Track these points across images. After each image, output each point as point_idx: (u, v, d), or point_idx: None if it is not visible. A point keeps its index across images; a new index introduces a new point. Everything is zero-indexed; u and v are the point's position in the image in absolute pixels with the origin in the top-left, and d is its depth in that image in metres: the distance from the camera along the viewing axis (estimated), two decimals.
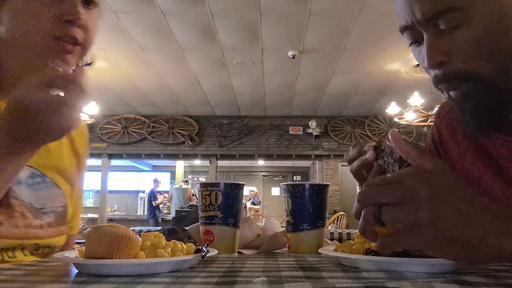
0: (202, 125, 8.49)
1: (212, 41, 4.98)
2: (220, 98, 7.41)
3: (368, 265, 0.55)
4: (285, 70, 5.96)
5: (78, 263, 0.53)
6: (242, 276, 0.49)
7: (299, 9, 4.22)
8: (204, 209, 0.82)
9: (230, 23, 4.57)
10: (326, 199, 0.86)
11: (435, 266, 0.52)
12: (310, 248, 0.82)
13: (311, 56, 5.44)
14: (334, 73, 6.02)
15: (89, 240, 0.53)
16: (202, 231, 0.82)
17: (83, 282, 0.44)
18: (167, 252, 0.55)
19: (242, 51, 5.32)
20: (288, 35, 4.82)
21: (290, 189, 0.85)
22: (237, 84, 6.64)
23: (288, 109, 8.04)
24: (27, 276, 0.49)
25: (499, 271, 0.53)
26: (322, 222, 0.85)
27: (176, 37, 4.84)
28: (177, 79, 6.42)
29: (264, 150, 8.37)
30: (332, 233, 2.63)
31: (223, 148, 8.39)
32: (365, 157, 0.69)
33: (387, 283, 0.43)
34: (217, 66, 5.83)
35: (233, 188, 0.82)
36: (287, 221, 0.86)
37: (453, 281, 0.43)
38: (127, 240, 0.52)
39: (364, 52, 5.27)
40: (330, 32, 4.73)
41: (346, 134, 8.29)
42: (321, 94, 7.10)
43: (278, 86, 6.68)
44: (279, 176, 13.87)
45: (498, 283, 0.44)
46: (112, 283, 0.43)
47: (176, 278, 0.47)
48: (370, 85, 6.51)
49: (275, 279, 0.46)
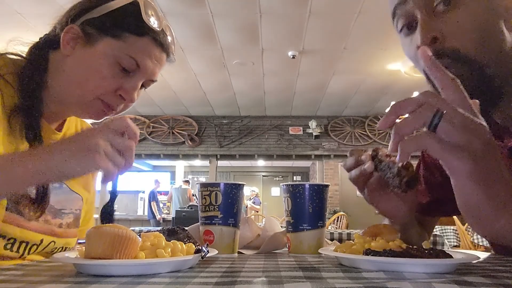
0: (202, 125, 8.49)
1: (212, 41, 4.98)
2: (220, 98, 7.41)
3: (368, 265, 0.55)
4: (285, 70, 5.96)
5: (78, 263, 0.53)
6: (242, 276, 0.49)
7: (299, 9, 4.22)
8: (204, 209, 0.82)
9: (230, 23, 4.57)
10: (326, 199, 0.86)
11: (435, 266, 0.52)
12: (310, 248, 0.82)
13: (311, 56, 5.44)
14: (334, 73, 6.02)
15: (89, 240, 0.53)
16: (202, 231, 0.82)
17: (83, 282, 0.44)
18: (167, 253, 0.55)
19: (242, 51, 5.32)
20: (288, 35, 4.82)
21: (290, 189, 0.85)
22: (237, 84, 6.64)
23: (288, 109, 8.04)
24: (27, 276, 0.49)
25: (499, 271, 0.53)
26: (322, 222, 0.85)
27: (176, 37, 4.84)
28: (177, 79, 6.42)
29: (264, 150, 8.37)
30: (332, 233, 2.63)
31: (223, 148, 8.38)
32: (364, 168, 0.69)
33: (387, 284, 0.43)
34: (217, 66, 5.83)
35: (233, 188, 0.82)
36: (287, 221, 0.86)
37: (453, 281, 0.43)
38: (127, 240, 0.52)
39: (364, 52, 5.27)
40: (330, 32, 4.73)
41: (346, 134, 8.28)
42: (321, 94, 7.10)
43: (278, 86, 6.68)
44: (279, 176, 13.87)
45: (498, 283, 0.44)
46: (112, 283, 0.43)
47: (176, 278, 0.47)
48: (370, 85, 6.51)
49: (275, 279, 0.46)
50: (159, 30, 0.82)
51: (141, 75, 0.82)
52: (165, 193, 10.22)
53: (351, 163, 0.73)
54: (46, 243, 0.83)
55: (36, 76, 0.80)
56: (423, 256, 0.54)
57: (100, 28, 0.79)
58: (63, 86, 0.81)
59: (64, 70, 0.81)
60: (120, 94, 0.81)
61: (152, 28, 0.81)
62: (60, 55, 0.82)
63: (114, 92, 0.80)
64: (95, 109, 0.83)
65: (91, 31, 0.80)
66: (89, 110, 0.83)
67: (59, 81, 0.82)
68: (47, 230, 0.83)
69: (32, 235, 0.80)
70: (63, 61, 0.81)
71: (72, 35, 0.80)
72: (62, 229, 0.87)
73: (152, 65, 0.83)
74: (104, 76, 0.78)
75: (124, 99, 0.82)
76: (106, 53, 0.79)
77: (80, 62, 0.80)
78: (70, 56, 0.81)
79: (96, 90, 0.79)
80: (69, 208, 0.90)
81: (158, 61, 0.85)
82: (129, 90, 0.81)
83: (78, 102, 0.82)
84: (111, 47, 0.79)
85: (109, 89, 0.80)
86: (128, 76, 0.81)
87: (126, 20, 0.80)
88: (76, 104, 0.82)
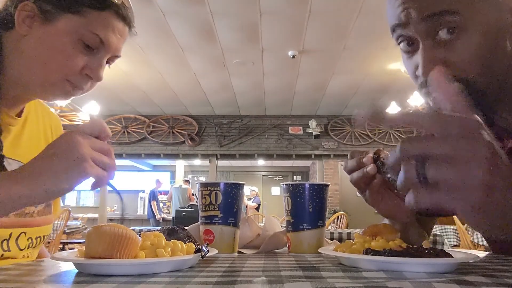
0: (202, 125, 8.49)
1: (212, 41, 4.98)
2: (220, 98, 7.41)
3: (368, 265, 0.55)
4: (285, 70, 5.96)
5: (78, 263, 0.53)
6: (242, 276, 0.49)
7: (299, 9, 4.22)
8: (204, 208, 0.82)
9: (230, 23, 4.57)
10: (326, 198, 0.86)
11: (435, 266, 0.52)
12: (310, 248, 0.82)
13: (311, 56, 5.44)
14: (334, 73, 6.02)
15: (89, 240, 0.53)
16: (202, 230, 0.82)
17: (83, 282, 0.44)
18: (167, 252, 0.55)
19: (242, 51, 5.32)
20: (288, 35, 4.82)
21: (290, 188, 0.85)
22: (237, 84, 6.64)
23: (288, 109, 8.04)
24: (26, 276, 0.49)
25: (499, 271, 0.53)
26: (322, 222, 0.85)
27: (176, 37, 4.84)
28: (177, 79, 6.42)
29: (264, 149, 8.37)
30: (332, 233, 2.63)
31: (223, 147, 8.39)
32: (366, 171, 0.69)
33: (387, 283, 0.43)
34: (217, 66, 5.83)
35: (233, 188, 0.82)
36: (287, 221, 0.86)
37: (453, 281, 0.43)
38: (127, 240, 0.52)
39: (364, 52, 5.27)
40: (330, 32, 4.73)
41: (346, 134, 8.28)
42: (321, 94, 7.10)
43: (278, 86, 6.68)
44: (279, 176, 13.87)
45: (498, 283, 0.44)
46: (112, 283, 0.43)
47: (176, 278, 0.47)
48: (370, 85, 6.51)
49: (275, 279, 0.46)
50: (119, 3, 0.79)
51: (106, 51, 0.79)
52: (165, 192, 10.22)
53: (353, 165, 0.72)
54: (16, 235, 0.80)
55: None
56: (423, 256, 0.54)
57: (58, 4, 0.76)
58: (23, 68, 0.77)
59: (22, 51, 0.77)
60: (86, 73, 0.78)
61: (112, 1, 0.78)
62: (15, 35, 0.77)
63: (80, 71, 0.78)
64: (61, 90, 0.79)
65: (48, 8, 0.76)
66: (55, 92, 0.79)
67: (18, 63, 0.77)
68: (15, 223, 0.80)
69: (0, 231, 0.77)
70: (20, 41, 0.77)
71: (28, 13, 0.76)
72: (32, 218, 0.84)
73: (116, 40, 0.80)
74: (68, 55, 0.75)
75: (90, 78, 0.79)
76: (68, 31, 0.75)
77: (40, 41, 0.76)
78: (27, 35, 0.76)
79: (61, 70, 0.76)
80: None
81: (121, 35, 0.81)
82: (96, 68, 0.79)
83: (42, 84, 0.78)
84: (72, 24, 0.75)
85: (74, 69, 0.77)
86: (92, 53, 0.78)
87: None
88: (40, 86, 0.79)
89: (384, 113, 0.45)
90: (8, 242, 0.79)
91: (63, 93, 0.80)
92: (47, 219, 0.89)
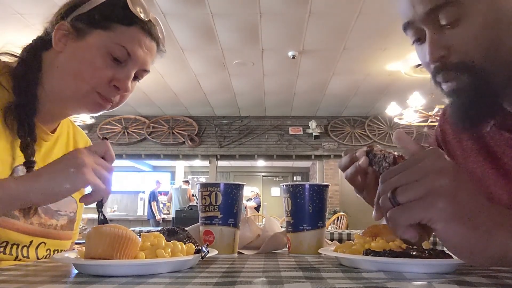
0: (202, 125, 8.48)
1: (212, 42, 4.98)
2: (220, 99, 7.41)
3: (368, 266, 0.55)
4: (285, 71, 5.96)
5: (78, 264, 0.53)
6: (242, 276, 0.49)
7: (299, 9, 4.22)
8: (204, 209, 0.82)
9: (230, 24, 4.57)
10: (326, 199, 0.86)
11: (435, 267, 0.52)
12: (310, 249, 0.82)
13: (311, 57, 5.44)
14: (334, 73, 6.02)
15: (89, 240, 0.53)
16: (202, 231, 0.82)
17: (83, 282, 0.44)
18: (167, 253, 0.55)
19: (242, 52, 5.32)
20: (288, 35, 4.82)
21: (290, 189, 0.85)
22: (237, 85, 6.64)
23: (288, 109, 8.04)
24: (27, 277, 0.49)
25: (499, 271, 0.53)
26: (322, 223, 0.85)
27: (176, 37, 4.85)
28: (177, 80, 6.42)
29: (264, 150, 8.37)
30: (332, 234, 2.63)
31: (223, 148, 8.38)
32: (358, 164, 0.69)
33: (387, 284, 0.43)
34: (217, 67, 5.83)
35: (233, 189, 0.82)
36: (287, 222, 0.86)
37: (453, 282, 0.43)
38: (127, 241, 0.52)
39: (364, 52, 5.27)
40: (330, 32, 4.73)
41: (346, 135, 8.28)
42: (321, 95, 7.10)
43: (278, 86, 6.68)
44: (279, 176, 13.86)
45: (498, 283, 0.44)
46: (112, 283, 0.43)
47: (176, 279, 0.47)
48: (370, 85, 6.51)
49: (275, 280, 0.46)
50: (146, 20, 0.84)
51: (133, 63, 0.84)
52: (165, 193, 10.22)
53: (346, 161, 0.72)
54: (36, 243, 0.83)
55: (30, 74, 0.82)
56: (423, 256, 0.54)
57: (89, 22, 0.82)
58: (57, 81, 0.83)
59: (57, 66, 0.83)
60: (114, 84, 0.83)
61: (139, 18, 0.83)
62: (53, 54, 0.83)
63: (108, 83, 0.82)
64: (91, 102, 0.84)
65: (81, 26, 0.82)
66: (86, 103, 0.84)
67: (54, 77, 0.83)
68: (38, 232, 0.83)
69: (21, 237, 0.80)
70: (56, 58, 0.83)
71: (63, 32, 0.82)
72: (55, 231, 0.88)
73: (143, 54, 0.85)
74: (97, 67, 0.80)
75: (119, 89, 0.83)
76: (97, 44, 0.81)
77: (72, 55, 0.82)
78: (62, 52, 0.82)
79: (91, 80, 0.81)
80: (64, 210, 0.91)
81: (149, 50, 0.86)
82: (123, 79, 0.83)
83: (74, 95, 0.82)
84: (101, 38, 0.81)
85: (103, 79, 0.81)
86: (120, 66, 0.82)
87: (114, 11, 0.82)
88: (72, 98, 0.83)
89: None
90: (28, 249, 0.82)
91: (94, 105, 0.84)
92: (68, 235, 0.92)
